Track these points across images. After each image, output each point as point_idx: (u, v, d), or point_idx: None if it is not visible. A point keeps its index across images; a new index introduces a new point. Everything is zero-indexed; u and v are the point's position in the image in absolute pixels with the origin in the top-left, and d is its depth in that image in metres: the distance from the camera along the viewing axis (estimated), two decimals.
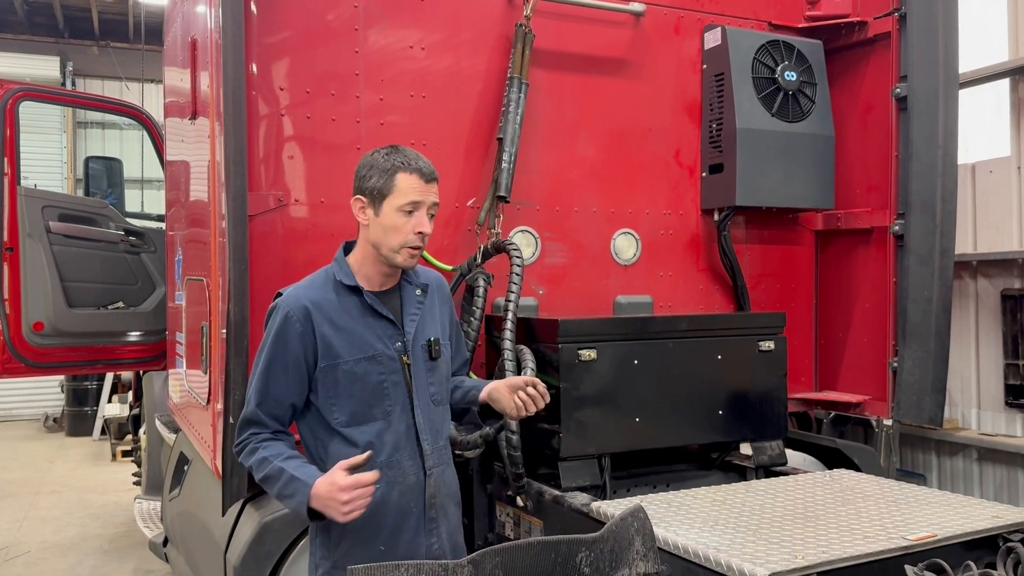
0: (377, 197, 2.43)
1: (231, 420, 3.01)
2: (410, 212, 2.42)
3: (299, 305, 2.42)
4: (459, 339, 2.78)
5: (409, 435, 2.48)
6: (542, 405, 2.56)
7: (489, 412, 2.73)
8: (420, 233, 2.43)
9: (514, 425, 3.23)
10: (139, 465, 6.88)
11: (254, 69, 3.44)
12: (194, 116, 3.99)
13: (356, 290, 2.47)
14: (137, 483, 6.88)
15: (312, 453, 2.49)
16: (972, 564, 2.34)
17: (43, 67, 12.81)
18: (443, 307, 2.67)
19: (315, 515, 2.28)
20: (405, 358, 2.49)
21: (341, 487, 2.19)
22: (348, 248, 2.58)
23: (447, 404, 2.66)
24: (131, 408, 9.66)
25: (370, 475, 2.21)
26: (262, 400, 2.41)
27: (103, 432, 11.17)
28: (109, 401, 11.14)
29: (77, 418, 11.82)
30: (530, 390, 2.54)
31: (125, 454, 9.78)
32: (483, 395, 2.66)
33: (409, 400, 2.49)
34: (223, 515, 3.21)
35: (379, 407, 2.45)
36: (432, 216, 2.48)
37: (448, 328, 2.68)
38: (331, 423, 2.43)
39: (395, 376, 2.47)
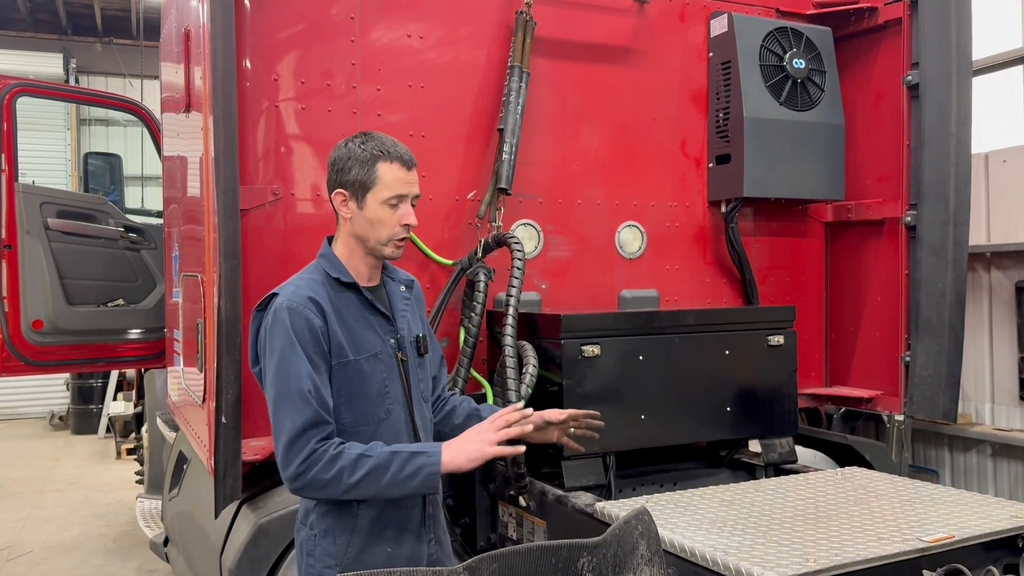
0: (360, 190, 2.34)
1: (223, 419, 2.95)
2: (395, 205, 2.34)
3: (309, 299, 2.30)
4: (432, 336, 2.70)
5: (408, 432, 2.42)
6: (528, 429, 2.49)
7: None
8: (406, 225, 2.37)
9: None
10: (142, 463, 6.83)
11: (247, 59, 3.37)
12: (188, 110, 3.92)
13: (352, 286, 2.39)
14: (140, 482, 6.83)
15: None
16: (994, 570, 2.24)
17: (46, 64, 12.80)
18: (419, 306, 2.63)
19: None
20: (400, 355, 2.43)
21: (491, 421, 2.35)
22: (330, 242, 2.49)
23: (431, 401, 2.60)
24: (135, 406, 9.63)
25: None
26: (318, 400, 2.22)
27: (108, 430, 11.16)
28: (114, 399, 11.12)
29: (83, 416, 11.83)
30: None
31: (130, 452, 9.75)
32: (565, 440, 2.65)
33: (407, 397, 2.43)
34: (216, 517, 3.14)
35: (382, 406, 2.38)
36: (414, 205, 2.41)
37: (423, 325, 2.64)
38: (337, 424, 2.32)
39: (393, 373, 2.40)
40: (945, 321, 4.03)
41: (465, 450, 2.27)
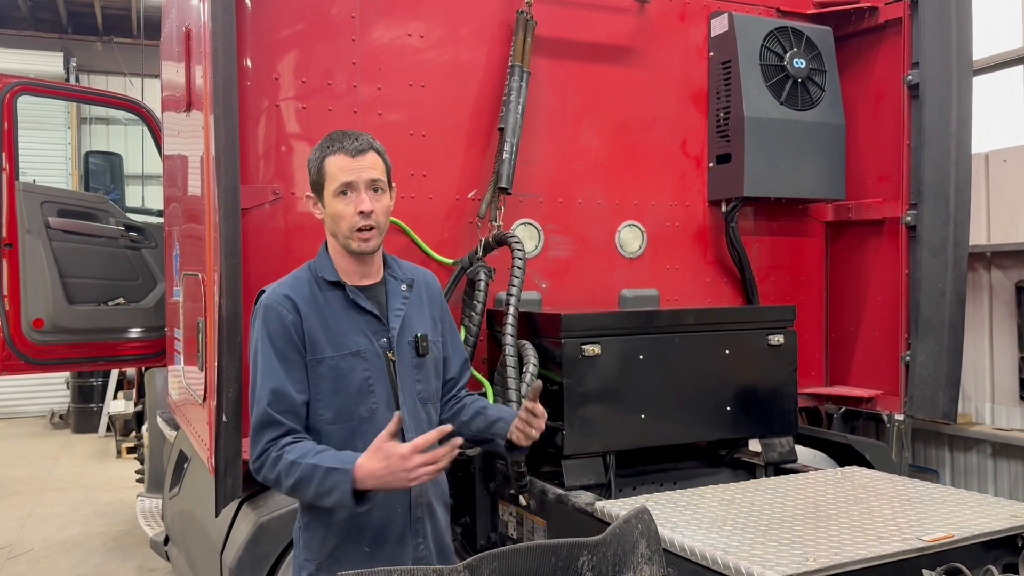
0: (318, 190, 2.39)
1: (224, 418, 2.95)
2: (345, 193, 2.33)
3: (284, 296, 2.36)
4: (455, 338, 2.67)
5: (395, 433, 2.39)
6: (540, 425, 2.46)
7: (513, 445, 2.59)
8: (362, 213, 2.33)
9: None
10: (142, 462, 6.84)
11: (248, 59, 3.37)
12: (188, 108, 3.92)
13: (338, 285, 2.40)
14: (140, 480, 6.84)
15: None
16: (993, 569, 2.24)
17: (47, 63, 12.81)
18: (432, 304, 2.57)
19: (361, 498, 2.20)
20: (390, 354, 2.41)
21: (403, 455, 2.13)
22: None
23: (436, 403, 2.55)
24: (135, 405, 9.64)
25: (432, 434, 2.18)
26: (272, 399, 2.28)
27: (108, 429, 11.16)
28: (114, 398, 11.12)
29: (83, 415, 11.84)
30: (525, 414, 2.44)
31: (130, 451, 9.76)
32: (511, 433, 2.52)
33: (394, 398, 2.40)
34: (216, 516, 3.14)
35: (364, 405, 2.37)
36: (378, 191, 2.36)
37: (439, 325, 2.57)
38: (316, 421, 2.35)
39: (380, 373, 2.39)
40: (945, 321, 4.03)
41: (386, 481, 2.17)
